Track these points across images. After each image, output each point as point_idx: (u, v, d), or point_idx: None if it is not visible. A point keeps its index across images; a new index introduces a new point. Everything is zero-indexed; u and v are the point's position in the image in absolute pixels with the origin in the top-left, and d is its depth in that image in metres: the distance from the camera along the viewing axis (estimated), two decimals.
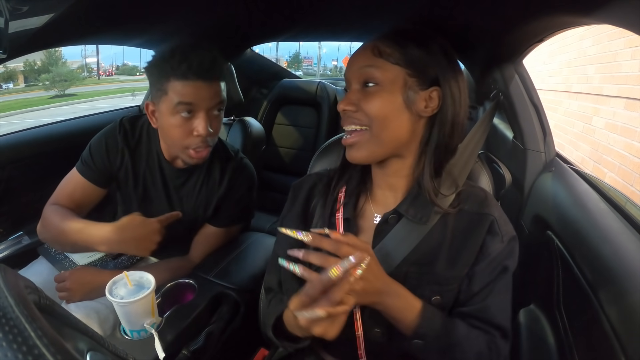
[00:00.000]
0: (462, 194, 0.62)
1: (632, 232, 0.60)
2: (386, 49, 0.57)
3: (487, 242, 0.59)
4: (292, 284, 0.70)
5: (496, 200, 0.80)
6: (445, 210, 0.60)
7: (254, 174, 1.01)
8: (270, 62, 2.21)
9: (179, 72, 0.78)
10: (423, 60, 0.57)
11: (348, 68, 0.61)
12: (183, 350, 0.72)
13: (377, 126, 0.57)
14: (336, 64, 30.69)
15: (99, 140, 0.93)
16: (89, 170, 0.93)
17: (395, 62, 0.57)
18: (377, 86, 0.57)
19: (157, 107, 0.84)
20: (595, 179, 0.83)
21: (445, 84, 0.57)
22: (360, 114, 0.58)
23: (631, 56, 2.27)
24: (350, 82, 0.61)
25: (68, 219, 0.86)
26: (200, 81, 0.79)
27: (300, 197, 0.71)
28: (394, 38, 0.58)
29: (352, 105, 0.59)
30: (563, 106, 3.45)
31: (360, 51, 0.60)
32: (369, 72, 0.57)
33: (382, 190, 0.66)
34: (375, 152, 0.59)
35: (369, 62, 0.58)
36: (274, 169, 2.05)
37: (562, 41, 3.42)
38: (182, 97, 0.79)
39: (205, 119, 0.82)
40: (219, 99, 0.84)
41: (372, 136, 0.58)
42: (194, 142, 0.83)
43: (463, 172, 0.63)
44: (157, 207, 0.97)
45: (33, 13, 0.60)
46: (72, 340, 0.32)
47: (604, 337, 0.51)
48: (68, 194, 0.93)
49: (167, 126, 0.83)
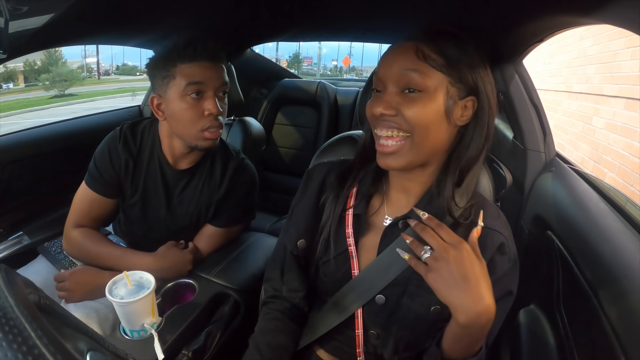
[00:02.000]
0: (475, 206, 0.60)
1: (632, 232, 0.60)
2: (431, 53, 0.53)
3: (495, 260, 0.57)
4: (293, 275, 0.70)
5: (496, 200, 0.80)
6: (457, 221, 0.58)
7: (255, 175, 1.01)
8: (270, 62, 2.21)
9: (185, 55, 0.81)
10: (464, 68, 0.54)
11: (384, 68, 0.56)
12: (183, 350, 0.72)
13: (419, 134, 0.55)
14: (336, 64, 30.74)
15: (102, 151, 0.93)
16: (99, 184, 0.93)
17: (440, 68, 0.54)
18: (420, 93, 0.54)
19: (165, 96, 0.85)
20: (595, 179, 0.83)
21: (484, 94, 0.55)
22: (400, 119, 0.55)
23: (631, 56, 2.27)
24: (385, 83, 0.56)
25: (102, 244, 0.92)
26: (207, 61, 0.83)
27: (313, 186, 0.70)
28: (437, 41, 0.54)
29: (391, 109, 0.55)
30: (563, 106, 3.45)
31: (400, 51, 0.56)
32: (413, 77, 0.54)
33: (397, 192, 0.64)
34: (413, 161, 0.57)
35: (413, 65, 0.54)
36: (274, 169, 2.05)
37: (562, 41, 3.42)
38: (191, 77, 0.81)
39: (214, 97, 0.84)
40: (224, 81, 0.87)
41: (414, 145, 0.55)
42: (206, 122, 0.85)
43: (473, 179, 0.60)
44: (156, 212, 0.96)
45: (33, 13, 0.60)
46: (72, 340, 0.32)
47: (604, 337, 0.51)
48: (86, 213, 0.94)
49: (178, 111, 0.84)
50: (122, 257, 0.89)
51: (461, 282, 0.48)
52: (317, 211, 0.68)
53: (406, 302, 0.59)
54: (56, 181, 1.32)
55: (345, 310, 0.63)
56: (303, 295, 0.69)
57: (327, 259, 0.64)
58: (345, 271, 0.63)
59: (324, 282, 0.66)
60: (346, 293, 0.63)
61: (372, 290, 0.61)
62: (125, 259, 0.88)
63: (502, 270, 0.57)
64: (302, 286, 0.69)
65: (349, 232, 0.63)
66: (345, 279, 0.63)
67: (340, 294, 0.64)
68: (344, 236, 0.63)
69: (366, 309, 0.62)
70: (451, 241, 0.51)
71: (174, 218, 0.96)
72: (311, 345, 0.70)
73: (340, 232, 0.64)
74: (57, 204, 1.29)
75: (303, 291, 0.69)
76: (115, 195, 0.96)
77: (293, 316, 0.69)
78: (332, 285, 0.65)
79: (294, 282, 0.70)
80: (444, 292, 0.49)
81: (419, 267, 0.52)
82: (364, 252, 0.63)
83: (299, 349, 0.69)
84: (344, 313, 0.63)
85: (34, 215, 1.26)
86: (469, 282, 0.48)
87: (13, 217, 1.22)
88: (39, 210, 1.28)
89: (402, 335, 0.61)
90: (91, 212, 0.94)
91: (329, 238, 0.64)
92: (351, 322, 0.64)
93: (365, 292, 0.61)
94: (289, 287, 0.70)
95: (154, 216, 0.97)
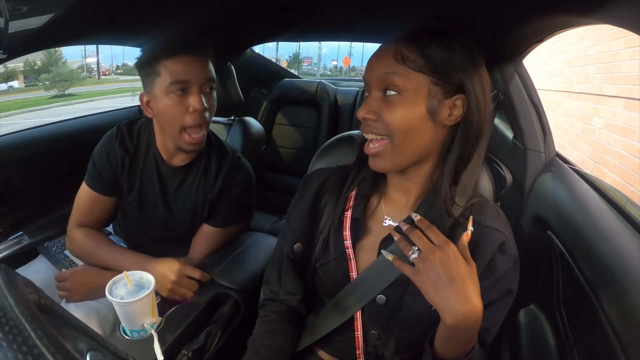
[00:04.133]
0: (475, 205, 0.60)
1: (632, 232, 0.60)
2: (409, 54, 0.53)
3: (496, 259, 0.57)
4: (290, 278, 0.70)
5: (496, 200, 0.80)
6: (457, 221, 0.57)
7: (251, 175, 1.00)
8: (270, 62, 2.21)
9: (167, 50, 0.81)
10: (448, 66, 0.53)
11: (368, 72, 0.57)
12: (183, 350, 0.72)
13: (399, 137, 0.55)
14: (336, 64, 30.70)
15: (100, 150, 0.94)
16: (97, 183, 0.94)
17: (419, 69, 0.53)
18: (398, 95, 0.54)
19: (152, 94, 0.85)
20: (595, 179, 0.83)
21: (471, 91, 0.54)
22: (380, 124, 0.55)
23: (631, 56, 2.27)
24: (370, 87, 0.57)
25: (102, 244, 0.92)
26: (189, 56, 0.82)
27: (310, 191, 0.70)
28: (416, 41, 0.53)
29: (372, 113, 0.55)
30: (563, 106, 3.45)
31: (380, 55, 0.56)
32: (391, 80, 0.54)
33: (396, 192, 0.64)
34: (398, 162, 0.58)
35: (391, 68, 0.54)
36: (274, 169, 2.05)
37: (562, 41, 3.42)
38: (175, 74, 0.81)
39: (199, 94, 0.83)
40: (209, 76, 0.86)
41: (394, 147, 0.56)
42: (190, 119, 0.84)
43: (472, 179, 0.59)
44: (153, 209, 0.97)
45: (33, 13, 0.60)
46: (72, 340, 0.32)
47: (604, 337, 0.51)
48: (87, 213, 0.95)
49: (163, 108, 0.84)
50: (120, 258, 0.88)
51: (447, 283, 0.48)
52: (314, 215, 0.68)
53: (407, 302, 0.59)
54: (56, 181, 1.32)
55: (347, 311, 0.63)
56: (300, 299, 0.70)
57: (327, 261, 0.64)
58: (344, 273, 0.63)
59: (323, 283, 0.66)
60: (347, 294, 0.63)
61: (373, 291, 0.61)
62: (124, 260, 0.88)
63: (503, 270, 0.57)
64: (299, 289, 0.70)
65: (346, 234, 0.63)
66: (345, 280, 0.63)
67: (341, 295, 0.64)
68: (342, 239, 0.63)
69: (367, 309, 0.62)
70: (438, 242, 0.51)
71: (170, 216, 0.96)
72: (311, 347, 0.70)
73: (339, 234, 0.64)
74: (57, 204, 1.30)
75: (300, 294, 0.70)
76: (113, 193, 0.96)
77: (290, 318, 0.70)
78: (332, 286, 0.65)
79: (291, 285, 0.70)
80: (431, 294, 0.49)
81: (403, 268, 0.52)
82: (364, 253, 0.63)
83: (299, 351, 0.69)
84: (345, 314, 0.63)
85: (34, 215, 1.26)
86: (455, 283, 0.48)
87: (13, 217, 1.22)
88: (39, 210, 1.27)
89: (403, 335, 0.61)
90: (92, 211, 0.95)
91: (328, 239, 0.64)
92: (351, 323, 0.64)
93: (366, 293, 0.61)
94: (286, 290, 0.70)
95: (151, 214, 0.97)
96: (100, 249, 0.91)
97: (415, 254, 0.52)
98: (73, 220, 0.95)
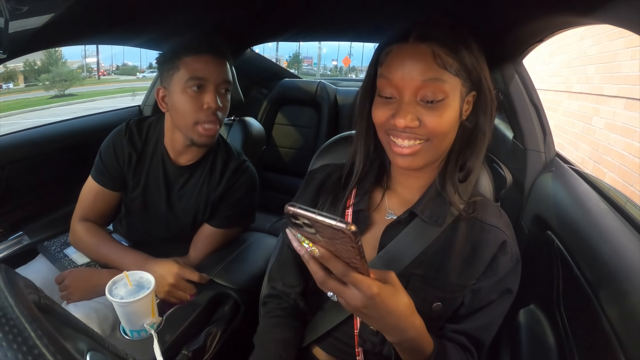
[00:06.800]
0: (477, 203, 0.61)
1: (632, 232, 0.60)
2: (448, 58, 0.52)
3: (498, 258, 0.58)
4: (289, 269, 0.70)
5: (496, 200, 0.80)
6: (460, 212, 0.58)
7: (255, 178, 1.01)
8: (270, 62, 2.21)
9: (190, 47, 0.84)
10: (474, 68, 0.54)
11: (402, 76, 0.53)
12: (183, 350, 0.72)
13: (438, 140, 0.55)
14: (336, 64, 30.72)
15: (107, 145, 0.96)
16: (104, 177, 0.95)
17: (456, 73, 0.53)
18: (442, 101, 0.52)
19: (168, 88, 0.87)
20: (595, 179, 0.83)
21: (485, 88, 0.55)
22: (422, 129, 0.53)
23: (631, 56, 2.27)
24: (402, 91, 0.53)
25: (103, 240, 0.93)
26: (210, 55, 0.85)
27: (313, 186, 0.70)
28: (450, 44, 0.53)
29: (415, 120, 0.53)
30: (563, 106, 3.45)
31: (417, 57, 0.52)
32: (436, 86, 0.52)
33: (400, 186, 0.65)
34: (430, 160, 0.58)
35: (434, 73, 0.51)
36: (274, 169, 2.05)
37: (562, 41, 3.42)
38: (194, 71, 0.84)
39: (214, 92, 0.85)
40: (226, 77, 0.88)
41: (432, 147, 0.55)
42: (204, 115, 0.86)
43: (475, 173, 0.61)
44: (156, 207, 0.97)
45: (33, 13, 0.60)
46: (72, 340, 0.32)
47: (604, 337, 0.51)
48: (91, 207, 0.96)
49: (178, 102, 0.86)
50: (120, 256, 0.89)
51: (379, 319, 0.47)
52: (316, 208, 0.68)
53: None
54: (56, 181, 1.32)
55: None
56: (299, 292, 0.70)
57: None
58: None
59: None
60: None
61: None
62: (123, 257, 0.89)
63: (504, 270, 0.58)
64: (297, 281, 0.70)
65: None
66: None
67: None
68: None
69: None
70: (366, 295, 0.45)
71: (173, 214, 0.97)
72: (309, 345, 0.70)
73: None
74: (57, 204, 1.30)
75: (299, 287, 0.70)
76: (119, 188, 0.97)
77: (294, 312, 0.70)
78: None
79: (289, 276, 0.70)
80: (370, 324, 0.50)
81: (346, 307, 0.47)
82: (365, 248, 0.63)
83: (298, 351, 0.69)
84: (344, 311, 0.63)
85: (34, 215, 1.26)
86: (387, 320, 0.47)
87: (13, 217, 1.22)
88: (39, 210, 1.27)
89: None
90: (96, 204, 0.96)
91: None
92: (349, 319, 0.64)
93: None
94: (285, 282, 0.70)
95: (154, 211, 0.97)
96: (101, 244, 0.92)
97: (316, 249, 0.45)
98: (77, 214, 0.96)
